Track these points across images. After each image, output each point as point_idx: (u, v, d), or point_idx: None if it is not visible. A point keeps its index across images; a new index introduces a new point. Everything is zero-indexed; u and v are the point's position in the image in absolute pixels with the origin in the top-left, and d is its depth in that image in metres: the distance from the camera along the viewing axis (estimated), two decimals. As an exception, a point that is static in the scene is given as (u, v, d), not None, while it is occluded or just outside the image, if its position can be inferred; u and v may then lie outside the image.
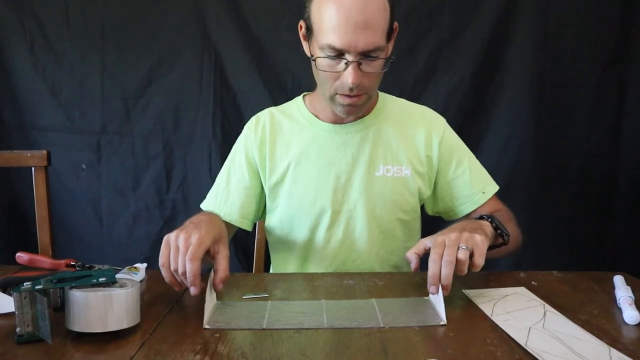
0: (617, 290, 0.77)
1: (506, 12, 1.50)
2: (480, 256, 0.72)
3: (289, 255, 1.07)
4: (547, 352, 0.58)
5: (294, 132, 1.05)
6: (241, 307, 0.73)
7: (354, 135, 1.02)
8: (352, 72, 0.86)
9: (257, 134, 1.06)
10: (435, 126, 1.05)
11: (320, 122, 1.04)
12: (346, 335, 0.63)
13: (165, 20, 1.55)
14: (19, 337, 0.60)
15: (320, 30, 0.87)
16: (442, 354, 0.58)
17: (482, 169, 1.08)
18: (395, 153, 1.02)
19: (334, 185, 1.01)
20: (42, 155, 1.17)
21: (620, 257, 1.57)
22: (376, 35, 0.86)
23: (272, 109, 1.10)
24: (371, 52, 0.87)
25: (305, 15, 0.92)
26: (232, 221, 1.03)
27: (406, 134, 1.03)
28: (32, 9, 1.56)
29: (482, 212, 1.00)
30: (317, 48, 0.89)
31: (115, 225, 1.63)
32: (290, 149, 1.03)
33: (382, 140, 1.02)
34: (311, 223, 1.02)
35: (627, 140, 1.55)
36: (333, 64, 0.88)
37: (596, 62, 1.51)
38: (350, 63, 0.86)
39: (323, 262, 1.03)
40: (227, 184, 1.07)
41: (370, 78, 0.90)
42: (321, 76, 0.92)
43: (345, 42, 0.84)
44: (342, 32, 0.84)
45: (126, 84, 1.58)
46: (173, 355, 0.58)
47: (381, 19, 0.86)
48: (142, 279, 0.86)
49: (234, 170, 1.08)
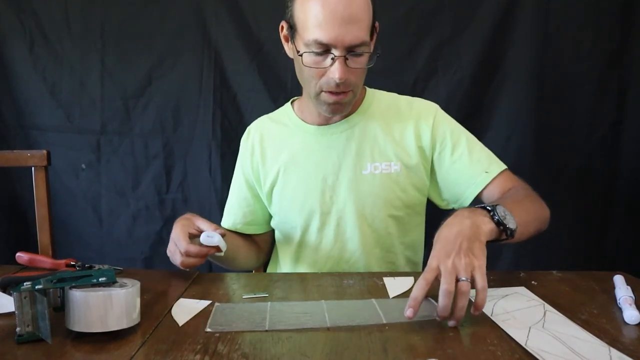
0: (617, 290, 0.77)
1: (506, 12, 1.49)
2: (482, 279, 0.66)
3: (283, 257, 1.09)
4: (547, 352, 0.58)
5: (284, 138, 1.06)
6: (241, 309, 0.73)
7: (339, 135, 1.02)
8: (339, 67, 0.87)
9: (247, 146, 1.10)
10: (424, 115, 1.02)
11: (307, 126, 1.04)
12: (346, 335, 0.63)
13: (165, 20, 1.55)
14: (19, 337, 0.60)
15: (305, 27, 0.88)
16: (442, 354, 0.58)
17: (484, 148, 1.03)
18: (383, 149, 1.00)
19: (321, 187, 1.01)
20: (42, 155, 1.17)
21: (620, 257, 1.56)
22: (361, 29, 0.87)
23: (263, 118, 1.13)
24: (357, 47, 0.87)
25: (288, 15, 0.93)
26: (237, 229, 1.10)
27: (394, 129, 1.01)
28: (32, 9, 1.55)
29: (490, 193, 0.96)
30: (303, 45, 0.89)
31: (115, 225, 1.63)
32: (280, 155, 1.05)
33: (368, 137, 1.01)
34: (302, 226, 1.02)
35: (627, 140, 1.54)
36: (319, 60, 0.89)
37: (596, 62, 1.51)
38: (337, 58, 0.87)
39: (316, 264, 1.04)
40: (231, 196, 1.14)
41: (356, 74, 0.91)
42: (306, 74, 0.92)
43: (332, 37, 0.85)
44: (329, 27, 0.85)
45: (126, 84, 1.58)
46: (173, 355, 0.58)
47: (366, 14, 0.88)
48: (218, 243, 0.87)
49: (235, 183, 1.13)
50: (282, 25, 0.96)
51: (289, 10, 0.92)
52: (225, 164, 1.56)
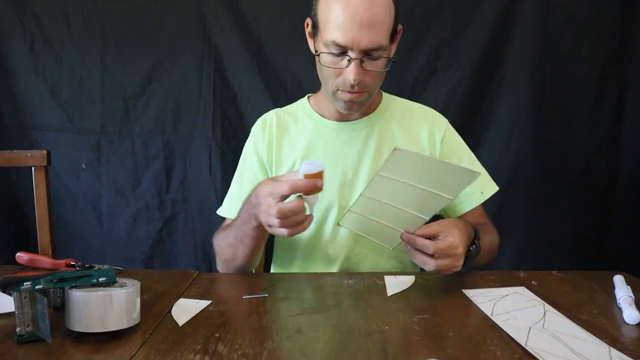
0: (617, 290, 0.77)
1: (506, 12, 1.49)
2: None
3: (294, 251, 1.08)
4: (547, 352, 0.58)
5: (300, 131, 1.07)
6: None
7: (360, 132, 1.04)
8: (354, 69, 0.88)
9: (264, 134, 1.08)
10: (437, 124, 1.07)
11: (325, 121, 1.06)
12: (346, 335, 0.63)
13: (165, 20, 1.55)
14: (19, 337, 0.60)
15: (325, 26, 0.89)
16: (442, 354, 0.58)
17: (482, 169, 1.08)
18: None
19: (340, 181, 1.02)
20: (42, 155, 1.17)
21: (620, 257, 1.56)
22: (379, 34, 0.88)
23: (277, 110, 1.12)
24: (373, 50, 0.88)
25: (313, 13, 0.95)
26: None
27: (410, 131, 1.05)
28: (32, 9, 1.55)
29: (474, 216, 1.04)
30: (322, 44, 0.91)
31: (115, 225, 1.62)
32: (296, 148, 1.05)
33: (387, 136, 1.04)
34: (318, 219, 1.02)
35: (627, 140, 1.54)
36: (336, 61, 0.91)
37: (596, 62, 1.51)
38: (353, 60, 0.88)
39: (328, 258, 1.04)
40: (241, 187, 1.09)
41: (371, 76, 0.92)
42: (324, 72, 0.94)
43: (349, 39, 0.86)
44: (347, 29, 0.86)
45: (126, 83, 1.57)
46: (173, 355, 0.58)
47: (386, 18, 0.88)
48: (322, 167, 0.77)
49: (246, 174, 1.09)
50: (307, 21, 0.97)
51: (314, 8, 0.94)
52: (225, 164, 1.56)
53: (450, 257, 0.76)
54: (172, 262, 1.61)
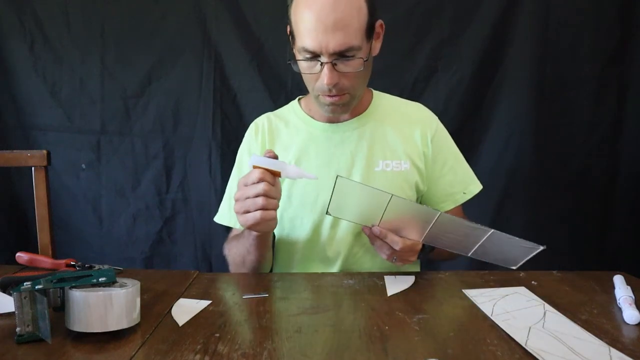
0: (617, 290, 0.77)
1: (506, 12, 1.49)
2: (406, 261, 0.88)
3: (292, 254, 1.07)
4: (547, 352, 0.58)
5: (292, 134, 1.06)
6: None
7: (352, 133, 1.04)
8: (327, 72, 0.88)
9: (257, 139, 1.08)
10: (428, 124, 1.07)
11: (316, 122, 1.05)
12: (346, 335, 0.63)
13: (165, 20, 1.55)
14: (19, 337, 0.60)
15: (297, 33, 0.90)
16: (442, 354, 0.58)
17: (468, 168, 1.10)
18: (393, 148, 1.03)
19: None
20: (42, 155, 1.17)
21: (620, 257, 1.56)
22: (348, 35, 0.86)
23: (269, 114, 1.12)
24: (345, 52, 0.87)
25: (287, 20, 0.94)
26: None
27: (403, 130, 1.05)
28: (32, 9, 1.55)
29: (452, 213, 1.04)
30: (296, 51, 0.92)
31: (115, 225, 1.63)
32: (288, 151, 1.05)
33: (379, 136, 1.04)
34: (314, 221, 1.02)
35: (627, 140, 1.55)
36: (311, 66, 0.91)
37: (596, 62, 1.51)
38: (325, 64, 0.87)
39: (327, 259, 1.04)
40: (232, 190, 1.09)
41: (348, 77, 0.91)
42: (304, 78, 0.95)
43: (317, 44, 0.86)
44: (314, 34, 0.85)
45: (126, 83, 1.58)
46: (173, 355, 0.58)
47: (354, 18, 0.86)
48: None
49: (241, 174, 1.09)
50: (288, 29, 0.97)
51: (287, 16, 0.94)
52: (225, 164, 1.56)
53: (409, 252, 0.85)
54: (172, 262, 1.61)
